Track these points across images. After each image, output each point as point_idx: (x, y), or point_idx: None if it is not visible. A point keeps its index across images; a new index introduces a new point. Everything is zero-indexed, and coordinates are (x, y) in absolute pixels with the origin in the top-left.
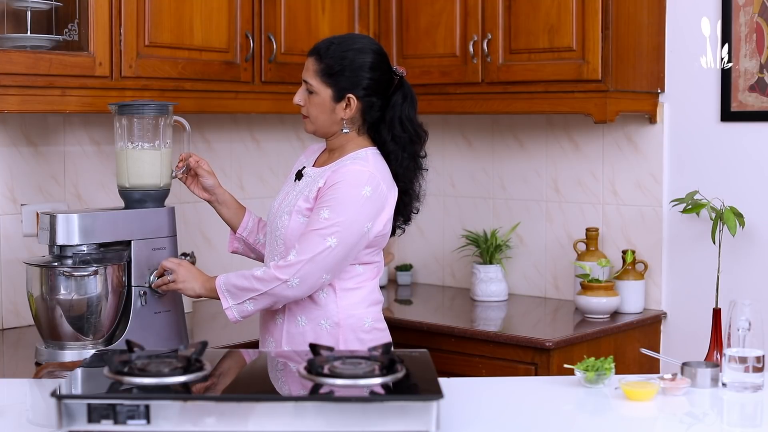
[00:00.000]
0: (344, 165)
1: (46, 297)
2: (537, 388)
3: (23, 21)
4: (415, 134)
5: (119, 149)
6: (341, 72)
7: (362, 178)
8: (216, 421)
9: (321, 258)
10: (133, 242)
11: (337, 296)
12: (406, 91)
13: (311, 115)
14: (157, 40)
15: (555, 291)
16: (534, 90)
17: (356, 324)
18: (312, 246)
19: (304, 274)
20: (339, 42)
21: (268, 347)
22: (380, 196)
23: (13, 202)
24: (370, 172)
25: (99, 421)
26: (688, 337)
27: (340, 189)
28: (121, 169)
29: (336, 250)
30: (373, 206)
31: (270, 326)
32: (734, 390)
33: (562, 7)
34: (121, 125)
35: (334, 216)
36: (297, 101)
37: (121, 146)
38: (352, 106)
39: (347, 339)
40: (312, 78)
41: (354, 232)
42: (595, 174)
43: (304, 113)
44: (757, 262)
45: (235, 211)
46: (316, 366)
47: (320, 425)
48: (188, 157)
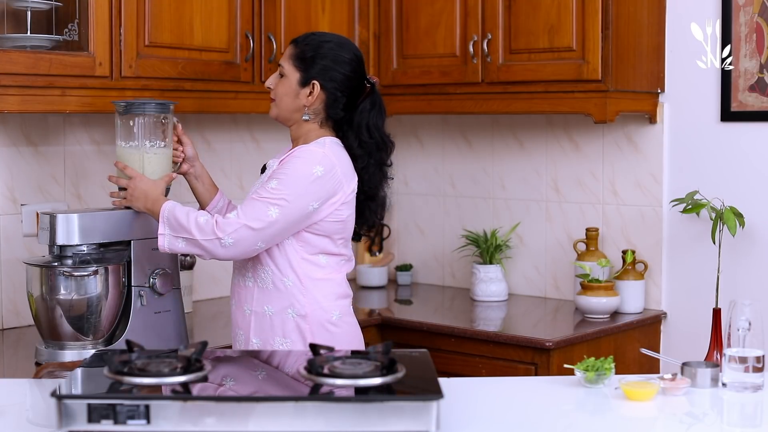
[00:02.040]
0: (300, 147)
1: (46, 297)
2: (537, 388)
3: (23, 21)
4: (382, 142)
5: (128, 147)
6: (313, 59)
7: (315, 158)
8: (216, 421)
9: (259, 226)
10: (133, 242)
11: (303, 286)
12: (376, 99)
13: (277, 97)
14: (157, 40)
15: (555, 291)
16: (534, 90)
17: (324, 316)
18: (254, 212)
19: (240, 237)
20: (322, 35)
21: (238, 341)
22: (333, 179)
23: (13, 202)
24: (325, 153)
25: (99, 421)
26: (688, 337)
27: (292, 164)
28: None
29: (277, 222)
30: (323, 187)
31: (238, 319)
32: (734, 390)
33: (562, 7)
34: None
35: (281, 187)
36: (268, 84)
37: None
38: (314, 94)
39: (314, 331)
40: (285, 61)
41: (298, 207)
42: (595, 174)
43: (272, 96)
44: (757, 262)
45: (208, 188)
46: (316, 366)
47: (320, 425)
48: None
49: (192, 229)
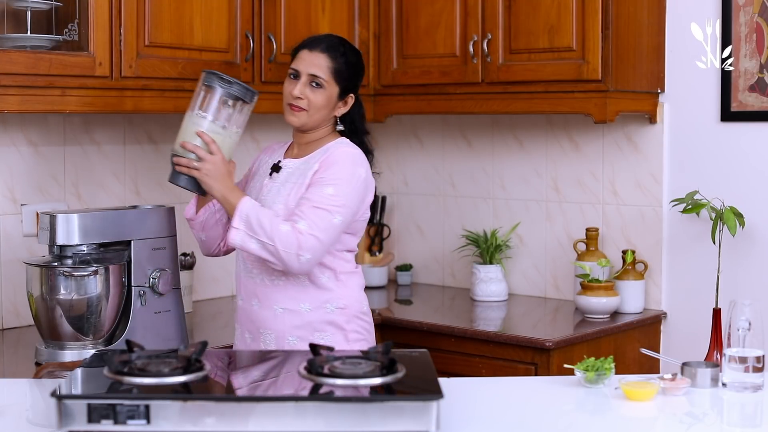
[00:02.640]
0: (336, 148)
1: (46, 297)
2: (537, 388)
3: (23, 21)
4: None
5: (214, 124)
6: (351, 73)
7: (358, 160)
8: (216, 421)
9: (327, 237)
10: (133, 242)
11: (338, 280)
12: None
13: (311, 108)
14: (157, 40)
15: (555, 291)
16: (534, 90)
17: (357, 307)
18: (322, 223)
19: (314, 250)
20: (343, 43)
21: (265, 341)
22: (369, 179)
23: (13, 202)
24: (361, 153)
25: (99, 421)
26: (688, 337)
27: (342, 168)
28: (182, 132)
29: (339, 228)
30: (367, 188)
31: (266, 319)
32: (734, 390)
33: (562, 7)
34: (228, 104)
35: (339, 194)
36: (298, 94)
37: (219, 124)
38: (348, 105)
39: (350, 322)
40: (324, 73)
41: (352, 211)
42: (595, 174)
43: (301, 106)
44: (757, 262)
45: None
46: (316, 366)
47: (320, 425)
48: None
49: (275, 237)
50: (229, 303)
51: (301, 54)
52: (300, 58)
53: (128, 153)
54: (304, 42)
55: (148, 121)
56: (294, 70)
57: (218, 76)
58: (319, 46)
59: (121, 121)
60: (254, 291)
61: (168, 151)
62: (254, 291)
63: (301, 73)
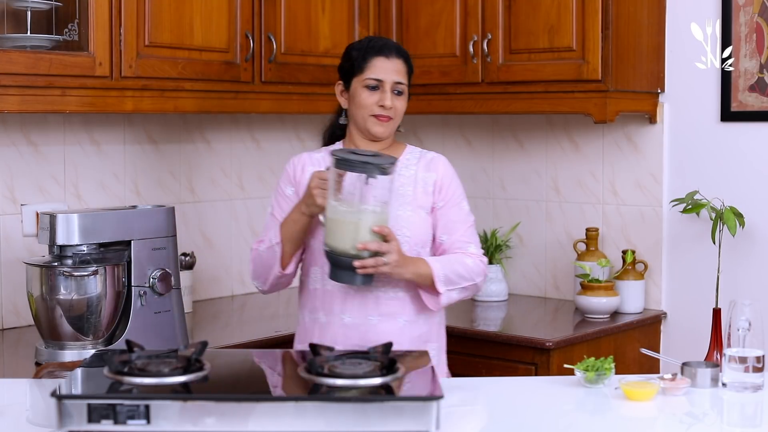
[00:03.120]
0: (438, 158)
1: (46, 297)
2: (537, 388)
3: (23, 21)
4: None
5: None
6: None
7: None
8: (216, 421)
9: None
10: (133, 242)
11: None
12: None
13: (397, 116)
14: (157, 40)
15: (555, 291)
16: (534, 90)
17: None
18: (476, 237)
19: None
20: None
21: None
22: None
23: (13, 202)
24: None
25: (99, 421)
26: (688, 337)
27: (457, 179)
28: (344, 231)
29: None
30: None
31: (390, 332)
32: (734, 390)
33: (562, 7)
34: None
35: (468, 207)
36: (390, 105)
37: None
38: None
39: (442, 328)
40: (405, 78)
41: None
42: (595, 174)
43: (389, 115)
44: (757, 262)
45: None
46: (316, 366)
47: (320, 425)
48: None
49: (473, 275)
50: (229, 303)
51: (375, 62)
52: (377, 67)
53: (128, 153)
54: (372, 48)
55: (148, 121)
56: (376, 80)
57: (359, 162)
58: (393, 51)
59: (121, 121)
60: (376, 306)
61: (168, 151)
62: (376, 306)
63: (385, 82)
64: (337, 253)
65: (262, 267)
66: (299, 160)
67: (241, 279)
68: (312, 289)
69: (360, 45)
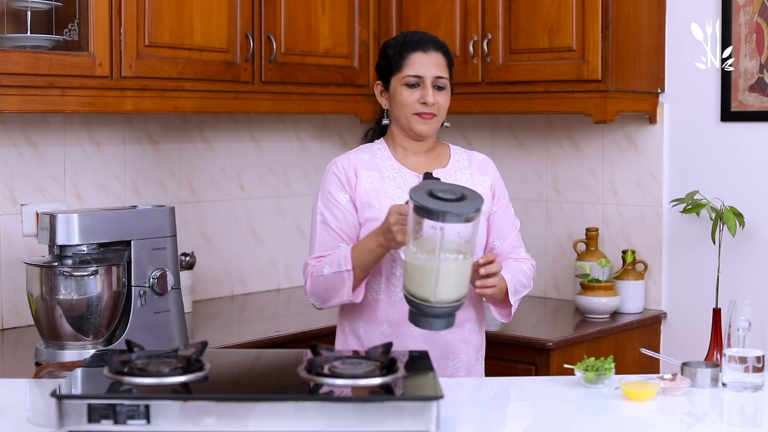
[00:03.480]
0: (487, 159)
1: (46, 297)
2: (537, 388)
3: (23, 21)
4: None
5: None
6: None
7: None
8: (216, 421)
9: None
10: (133, 242)
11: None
12: None
13: (440, 112)
14: (157, 40)
15: (555, 291)
16: (534, 90)
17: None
18: (523, 244)
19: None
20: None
21: (456, 368)
22: None
23: (13, 202)
24: None
25: (99, 421)
26: (688, 337)
27: (503, 183)
28: (425, 278)
29: None
30: None
31: (471, 340)
32: (734, 390)
33: (562, 7)
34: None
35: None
36: (433, 101)
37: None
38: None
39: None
40: (446, 72)
41: None
42: (595, 174)
43: (433, 111)
44: (757, 262)
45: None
46: (316, 366)
47: (320, 425)
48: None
49: (530, 281)
50: (229, 303)
51: (413, 58)
52: (416, 63)
53: (128, 153)
54: (409, 43)
55: (148, 121)
56: (416, 77)
57: (440, 211)
58: (430, 45)
59: (121, 121)
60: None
61: (168, 151)
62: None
63: (425, 78)
64: (418, 300)
65: (326, 290)
66: (348, 162)
67: (241, 279)
68: (372, 300)
69: (395, 42)
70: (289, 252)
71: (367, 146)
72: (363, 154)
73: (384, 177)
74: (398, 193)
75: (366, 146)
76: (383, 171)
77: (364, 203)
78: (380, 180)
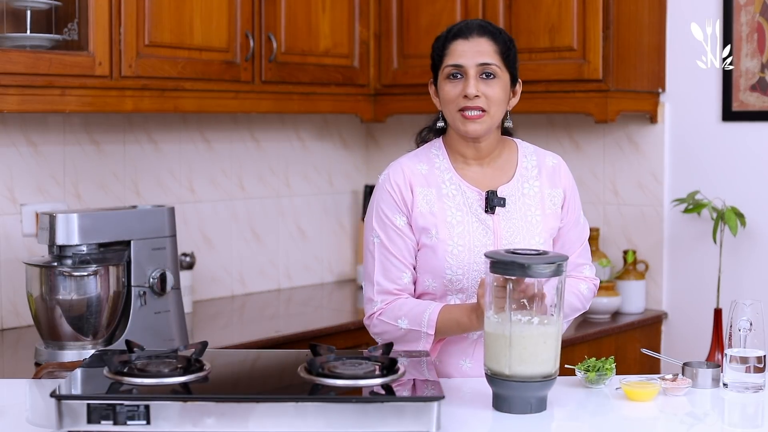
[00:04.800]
0: (559, 165)
1: (46, 297)
2: None
3: (23, 21)
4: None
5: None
6: (515, 53)
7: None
8: (216, 421)
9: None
10: (133, 242)
11: None
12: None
13: (491, 105)
14: (157, 39)
15: None
16: (535, 90)
17: None
18: (590, 259)
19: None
20: (490, 22)
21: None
22: None
23: (13, 202)
24: None
25: (99, 422)
26: (689, 337)
27: (576, 189)
28: (500, 350)
29: None
30: None
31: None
32: (735, 390)
33: (563, 6)
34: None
35: (585, 220)
36: (475, 91)
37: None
38: (517, 96)
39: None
40: (494, 58)
41: None
42: (596, 174)
43: (480, 105)
44: (759, 262)
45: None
46: (316, 366)
47: (320, 425)
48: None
49: (586, 303)
50: (229, 303)
51: (454, 47)
52: (456, 52)
53: (128, 153)
54: (450, 33)
55: (148, 121)
56: (455, 66)
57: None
58: (474, 30)
59: (121, 121)
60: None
61: (168, 151)
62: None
63: (467, 67)
64: (497, 377)
65: (398, 339)
66: (403, 177)
67: (241, 279)
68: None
69: (442, 34)
70: (289, 252)
71: (424, 151)
72: (420, 165)
73: (442, 195)
74: (458, 217)
75: (424, 151)
76: (441, 187)
77: (421, 228)
78: (438, 200)
